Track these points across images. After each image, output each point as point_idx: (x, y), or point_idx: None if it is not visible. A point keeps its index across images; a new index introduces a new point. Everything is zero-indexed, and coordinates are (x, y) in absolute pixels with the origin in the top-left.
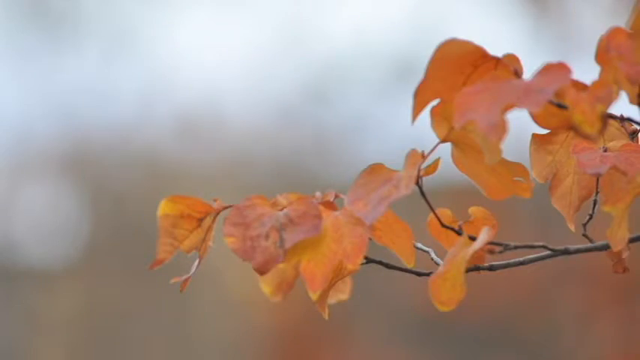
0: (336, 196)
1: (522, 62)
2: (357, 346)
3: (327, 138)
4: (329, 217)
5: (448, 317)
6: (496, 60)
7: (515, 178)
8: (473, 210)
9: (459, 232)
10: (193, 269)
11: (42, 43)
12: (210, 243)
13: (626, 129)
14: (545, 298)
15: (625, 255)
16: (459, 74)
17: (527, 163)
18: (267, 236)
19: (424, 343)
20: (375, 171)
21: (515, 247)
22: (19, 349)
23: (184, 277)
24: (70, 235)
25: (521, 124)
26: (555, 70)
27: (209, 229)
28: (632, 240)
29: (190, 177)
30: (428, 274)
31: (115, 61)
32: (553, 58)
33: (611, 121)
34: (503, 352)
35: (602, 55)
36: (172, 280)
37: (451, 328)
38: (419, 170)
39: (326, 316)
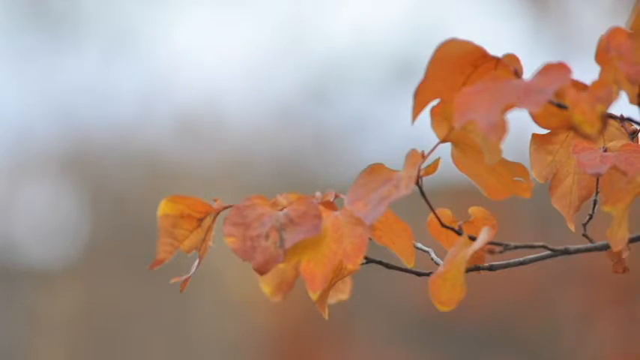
0: (336, 196)
1: (522, 62)
2: (357, 346)
3: (327, 138)
4: (329, 217)
5: (448, 317)
6: (496, 60)
7: (515, 178)
8: (473, 210)
9: (459, 232)
10: (193, 269)
11: (42, 43)
12: (210, 243)
13: (626, 129)
14: (545, 298)
15: (625, 255)
16: (459, 74)
17: (527, 163)
18: (267, 236)
19: (424, 343)
20: (375, 171)
21: (515, 247)
22: (19, 349)
23: (184, 277)
24: (70, 235)
25: (521, 124)
26: (555, 70)
27: (209, 229)
28: (632, 240)
29: (190, 177)
30: (428, 274)
31: (115, 61)
32: (553, 58)
33: (611, 121)
34: (503, 352)
35: (602, 55)
36: (172, 280)
37: (451, 328)
38: (419, 170)
39: (326, 316)
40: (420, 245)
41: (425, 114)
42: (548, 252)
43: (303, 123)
